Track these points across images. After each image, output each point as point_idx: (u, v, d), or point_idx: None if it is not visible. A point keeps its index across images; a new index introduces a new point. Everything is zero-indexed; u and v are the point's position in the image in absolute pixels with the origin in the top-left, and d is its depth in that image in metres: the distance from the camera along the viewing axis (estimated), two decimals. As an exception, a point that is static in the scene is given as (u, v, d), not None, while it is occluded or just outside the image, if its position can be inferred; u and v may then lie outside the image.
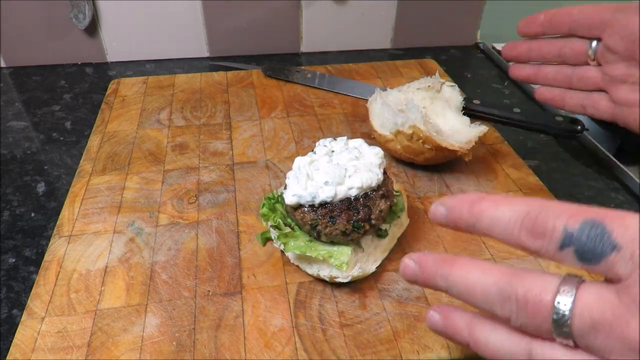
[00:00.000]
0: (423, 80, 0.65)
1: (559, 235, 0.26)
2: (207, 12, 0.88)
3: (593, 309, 0.25)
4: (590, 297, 0.25)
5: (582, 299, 0.25)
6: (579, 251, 0.26)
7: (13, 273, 0.51)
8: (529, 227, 0.27)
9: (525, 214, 0.28)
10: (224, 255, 0.49)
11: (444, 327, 0.32)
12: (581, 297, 0.25)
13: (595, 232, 0.25)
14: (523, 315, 0.27)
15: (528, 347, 0.28)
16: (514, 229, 0.28)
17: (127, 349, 0.40)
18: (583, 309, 0.25)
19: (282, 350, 0.40)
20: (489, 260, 0.48)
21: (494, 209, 0.29)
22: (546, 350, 0.27)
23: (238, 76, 0.79)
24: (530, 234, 0.27)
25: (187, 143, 0.64)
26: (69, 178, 0.62)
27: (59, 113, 0.77)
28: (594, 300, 0.25)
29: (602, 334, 0.25)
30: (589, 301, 0.25)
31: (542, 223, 0.27)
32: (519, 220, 0.28)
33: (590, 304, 0.25)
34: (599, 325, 0.25)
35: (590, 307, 0.25)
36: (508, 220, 0.28)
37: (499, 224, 0.29)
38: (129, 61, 0.92)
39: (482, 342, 0.30)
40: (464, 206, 0.30)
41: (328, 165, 0.46)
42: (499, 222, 0.29)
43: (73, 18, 0.84)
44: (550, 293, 0.26)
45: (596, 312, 0.25)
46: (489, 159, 0.62)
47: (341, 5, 0.91)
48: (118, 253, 0.49)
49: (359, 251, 0.46)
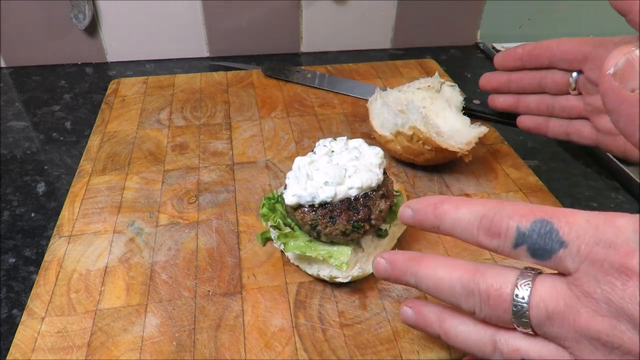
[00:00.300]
0: (423, 80, 0.65)
1: (513, 234, 0.28)
2: (207, 12, 0.88)
3: (547, 300, 0.27)
4: (545, 289, 0.27)
5: (538, 291, 0.28)
6: (531, 249, 0.28)
7: (13, 273, 0.51)
8: (486, 228, 0.29)
9: (482, 216, 0.30)
10: (224, 255, 0.49)
11: (416, 320, 0.35)
12: (537, 289, 0.28)
13: (545, 230, 0.27)
14: (486, 308, 0.29)
15: (493, 337, 0.30)
16: (473, 230, 0.30)
17: (127, 349, 0.40)
18: (539, 300, 0.27)
19: (282, 350, 0.40)
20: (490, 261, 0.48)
21: (454, 211, 0.31)
22: (509, 340, 0.29)
23: (238, 76, 0.79)
24: (488, 233, 0.29)
25: (187, 143, 0.64)
26: (69, 178, 0.62)
27: (59, 113, 0.77)
28: (548, 292, 0.27)
29: (557, 323, 0.27)
30: (544, 293, 0.27)
31: (498, 223, 0.29)
32: (477, 221, 0.30)
33: (545, 295, 0.27)
34: (553, 315, 0.27)
35: (545, 298, 0.27)
36: (467, 222, 0.30)
37: (459, 225, 0.31)
38: (129, 61, 0.92)
39: (451, 334, 0.32)
40: (428, 208, 0.33)
41: (328, 165, 0.46)
42: (459, 223, 0.31)
43: (73, 18, 0.84)
44: (509, 286, 0.28)
45: (550, 303, 0.27)
46: (489, 159, 0.62)
47: (341, 5, 0.91)
48: (118, 253, 0.49)
49: (359, 251, 0.46)
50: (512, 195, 0.56)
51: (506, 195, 0.56)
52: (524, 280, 0.28)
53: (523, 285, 0.28)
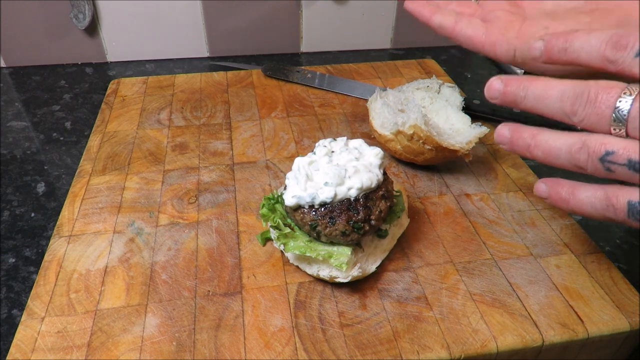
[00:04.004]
0: (422, 81, 0.65)
1: (637, 47, 0.32)
2: (207, 12, 0.88)
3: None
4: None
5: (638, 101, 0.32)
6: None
7: (13, 273, 0.51)
8: (614, 42, 0.33)
9: (612, 34, 0.33)
10: (224, 255, 0.49)
11: (511, 137, 0.38)
12: (637, 100, 0.32)
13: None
14: (589, 109, 0.33)
15: (582, 138, 0.34)
16: (601, 46, 0.33)
17: (127, 349, 0.40)
18: (637, 110, 0.32)
19: (282, 350, 0.40)
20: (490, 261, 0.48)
21: (584, 35, 0.35)
22: (598, 137, 0.34)
23: (238, 76, 0.79)
24: (614, 47, 0.33)
25: (187, 143, 0.64)
26: (69, 178, 0.62)
27: (59, 113, 0.77)
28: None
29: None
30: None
31: (626, 38, 0.33)
32: (607, 37, 0.33)
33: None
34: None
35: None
36: (597, 39, 0.34)
37: (588, 45, 0.34)
38: (129, 61, 0.92)
39: (542, 142, 0.36)
40: (559, 39, 0.36)
41: (328, 165, 0.46)
42: (588, 44, 0.34)
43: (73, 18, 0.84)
44: (615, 94, 0.33)
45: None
46: (489, 159, 0.62)
47: (341, 5, 0.91)
48: (118, 253, 0.49)
49: (358, 251, 0.46)
50: (512, 195, 0.56)
51: (506, 195, 0.56)
52: (630, 91, 0.32)
53: (627, 94, 0.32)
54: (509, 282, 0.46)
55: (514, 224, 0.53)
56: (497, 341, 0.41)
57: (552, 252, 0.49)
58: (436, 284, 0.46)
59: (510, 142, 0.38)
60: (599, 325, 0.42)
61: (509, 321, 0.43)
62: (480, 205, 0.55)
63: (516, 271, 0.47)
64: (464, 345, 0.41)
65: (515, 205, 0.55)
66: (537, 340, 0.41)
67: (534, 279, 0.46)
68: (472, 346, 0.41)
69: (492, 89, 0.38)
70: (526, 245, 0.50)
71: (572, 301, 0.44)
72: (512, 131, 0.38)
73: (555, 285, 0.46)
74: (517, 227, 0.52)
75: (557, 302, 0.44)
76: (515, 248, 0.50)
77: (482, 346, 0.41)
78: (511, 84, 0.37)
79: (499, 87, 0.38)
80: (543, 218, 0.53)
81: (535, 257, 0.49)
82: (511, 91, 0.37)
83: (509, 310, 0.44)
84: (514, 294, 0.45)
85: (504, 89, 0.38)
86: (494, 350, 0.41)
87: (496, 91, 0.38)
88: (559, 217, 0.53)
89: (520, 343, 0.41)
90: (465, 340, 0.41)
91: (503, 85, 0.38)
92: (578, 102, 0.34)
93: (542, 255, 0.49)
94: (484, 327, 0.42)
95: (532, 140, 0.37)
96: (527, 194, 0.56)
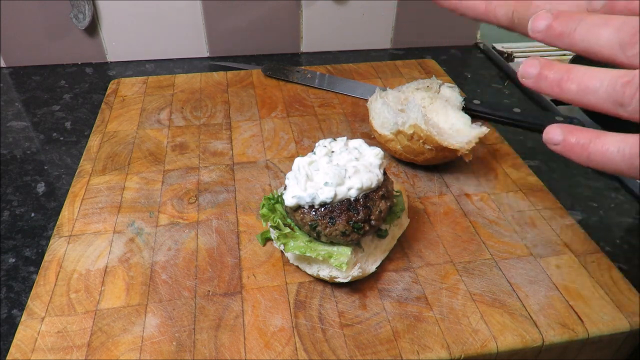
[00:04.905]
0: (422, 81, 0.65)
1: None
2: (207, 12, 0.88)
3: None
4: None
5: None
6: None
7: (13, 273, 0.51)
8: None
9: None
10: (224, 255, 0.49)
11: (540, 69, 0.33)
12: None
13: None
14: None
15: (633, 72, 0.29)
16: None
17: (127, 349, 0.40)
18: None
19: (282, 350, 0.40)
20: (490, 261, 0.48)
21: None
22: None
23: (238, 76, 0.79)
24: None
25: (187, 143, 0.64)
26: (69, 178, 0.62)
27: (59, 113, 0.77)
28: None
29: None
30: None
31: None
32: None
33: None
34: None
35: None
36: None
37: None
38: (129, 61, 0.92)
39: (578, 74, 0.31)
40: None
41: (328, 165, 0.46)
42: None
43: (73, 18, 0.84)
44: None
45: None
46: (489, 159, 0.62)
47: (341, 5, 0.91)
48: (118, 253, 0.49)
49: (358, 251, 0.46)
50: (512, 195, 0.56)
51: (506, 195, 0.56)
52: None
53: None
54: (509, 282, 0.46)
55: (514, 224, 0.53)
56: (497, 341, 0.41)
57: (552, 252, 0.49)
58: (436, 284, 0.46)
59: (538, 75, 0.33)
60: (599, 325, 0.42)
61: (509, 321, 0.43)
62: (480, 205, 0.55)
63: (516, 271, 0.47)
64: (464, 345, 0.41)
65: (515, 205, 0.55)
66: (537, 340, 0.41)
67: (534, 279, 0.46)
68: (472, 346, 0.41)
69: (540, 18, 0.33)
70: (526, 245, 0.50)
71: (572, 301, 0.44)
72: (543, 63, 0.33)
73: (555, 285, 0.46)
74: (517, 227, 0.52)
75: (557, 302, 0.44)
76: (515, 248, 0.50)
77: (482, 346, 0.41)
78: (561, 18, 0.32)
79: (547, 18, 0.33)
80: (543, 218, 0.53)
81: (535, 257, 0.49)
82: (558, 29, 0.32)
83: (509, 310, 0.44)
84: (514, 294, 0.45)
85: (554, 20, 0.32)
86: (494, 350, 0.41)
87: (544, 21, 0.33)
88: (559, 217, 0.53)
89: (520, 343, 0.41)
90: (465, 340, 0.41)
91: (553, 18, 0.32)
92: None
93: (542, 255, 0.49)
94: (484, 327, 0.42)
95: (567, 73, 0.32)
96: (527, 194, 0.56)
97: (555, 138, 0.33)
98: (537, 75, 0.33)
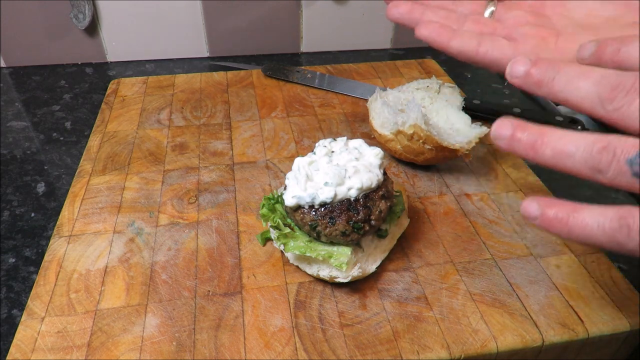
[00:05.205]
0: (422, 81, 0.65)
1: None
2: (207, 12, 0.88)
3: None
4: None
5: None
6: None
7: (13, 273, 0.51)
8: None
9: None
10: (224, 255, 0.49)
11: (513, 132, 0.32)
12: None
13: None
14: (630, 97, 0.28)
15: (608, 138, 0.28)
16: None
17: (127, 349, 0.40)
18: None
19: (282, 350, 0.40)
20: (490, 261, 0.48)
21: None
22: (631, 139, 0.28)
23: (238, 76, 0.79)
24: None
25: (187, 143, 0.64)
26: (69, 178, 0.62)
27: (59, 113, 0.77)
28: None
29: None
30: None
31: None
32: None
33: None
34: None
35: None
36: None
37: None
38: (129, 61, 0.92)
39: (553, 139, 0.30)
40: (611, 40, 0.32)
41: (328, 166, 0.46)
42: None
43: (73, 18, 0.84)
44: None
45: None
46: (489, 159, 0.62)
47: (341, 5, 0.91)
48: (118, 253, 0.49)
49: (358, 251, 0.46)
50: (512, 195, 0.56)
51: (506, 195, 0.56)
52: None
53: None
54: (509, 282, 0.46)
55: (514, 224, 0.53)
56: (497, 341, 0.41)
57: (552, 252, 0.49)
58: (436, 284, 0.46)
59: (510, 137, 0.31)
60: (599, 325, 0.42)
61: (509, 321, 0.43)
62: (480, 205, 0.55)
63: (516, 271, 0.47)
64: (464, 345, 0.41)
65: (515, 205, 0.55)
66: (537, 340, 0.41)
67: (534, 279, 0.46)
68: (472, 346, 0.41)
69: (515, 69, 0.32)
70: (526, 245, 0.50)
71: (572, 301, 0.44)
72: (516, 125, 0.31)
73: (555, 285, 0.46)
74: (517, 227, 0.52)
75: (557, 302, 0.44)
76: (515, 248, 0.50)
77: (482, 346, 0.41)
78: (539, 63, 0.32)
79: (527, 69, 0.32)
80: (543, 218, 0.53)
81: (535, 257, 0.49)
82: (538, 72, 0.31)
83: (509, 310, 0.44)
84: (514, 294, 0.45)
85: (529, 69, 0.32)
86: (494, 350, 0.41)
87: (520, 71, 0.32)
88: (559, 217, 0.53)
89: (520, 343, 0.41)
90: (465, 340, 0.41)
91: (530, 64, 0.32)
92: (619, 89, 0.28)
93: (542, 255, 0.49)
94: (484, 327, 0.42)
95: (540, 136, 0.30)
96: (527, 194, 0.56)
97: (530, 208, 0.31)
98: (510, 137, 0.32)
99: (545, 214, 0.30)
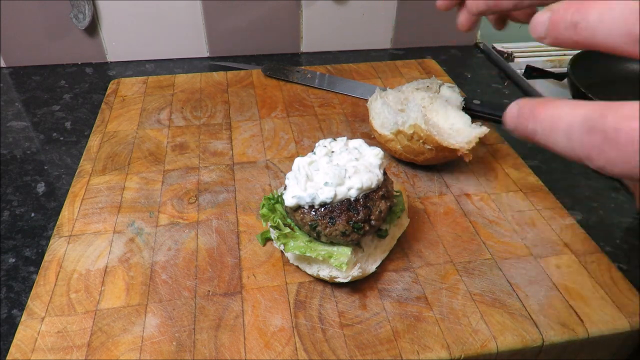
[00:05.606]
0: (422, 81, 0.65)
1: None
2: (207, 12, 0.88)
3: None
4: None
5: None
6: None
7: (13, 273, 0.51)
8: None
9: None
10: (224, 255, 0.49)
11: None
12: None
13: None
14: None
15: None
16: (627, 20, 0.23)
17: (127, 349, 0.40)
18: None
19: (282, 350, 0.40)
20: (490, 261, 0.48)
21: (602, 5, 0.24)
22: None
23: (238, 76, 0.79)
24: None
25: (187, 143, 0.64)
26: (69, 178, 0.62)
27: (59, 113, 0.77)
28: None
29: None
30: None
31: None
32: (636, 11, 0.22)
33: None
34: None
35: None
36: (620, 14, 0.23)
37: (607, 20, 0.23)
38: (129, 61, 0.92)
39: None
40: (568, 8, 0.25)
41: (328, 166, 0.46)
42: (609, 16, 0.23)
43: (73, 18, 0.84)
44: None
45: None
46: (489, 159, 0.62)
47: (341, 5, 0.91)
48: (118, 253, 0.49)
49: (358, 251, 0.46)
50: (512, 195, 0.56)
51: (506, 195, 0.56)
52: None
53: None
54: (509, 282, 0.46)
55: (514, 224, 0.53)
56: (497, 341, 0.41)
57: (552, 252, 0.49)
58: (436, 284, 0.46)
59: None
60: (599, 325, 0.42)
61: (509, 321, 0.43)
62: (480, 205, 0.55)
63: (516, 271, 0.47)
64: (464, 345, 0.41)
65: (515, 205, 0.55)
66: (537, 340, 0.41)
67: (534, 279, 0.46)
68: (472, 346, 0.41)
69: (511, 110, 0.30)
70: (526, 245, 0.50)
71: (572, 301, 0.44)
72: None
73: (555, 285, 0.46)
74: (517, 227, 0.52)
75: (557, 302, 0.44)
76: (515, 248, 0.50)
77: (482, 346, 0.41)
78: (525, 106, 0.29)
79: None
80: (543, 218, 0.53)
81: (535, 257, 0.49)
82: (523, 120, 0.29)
83: (509, 310, 0.44)
84: (514, 294, 0.45)
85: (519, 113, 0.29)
86: (494, 350, 0.41)
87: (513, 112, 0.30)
88: (559, 217, 0.53)
89: (520, 343, 0.41)
90: (465, 340, 0.41)
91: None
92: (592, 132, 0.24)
93: (542, 255, 0.49)
94: (484, 327, 0.42)
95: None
96: (527, 194, 0.56)
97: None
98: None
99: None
